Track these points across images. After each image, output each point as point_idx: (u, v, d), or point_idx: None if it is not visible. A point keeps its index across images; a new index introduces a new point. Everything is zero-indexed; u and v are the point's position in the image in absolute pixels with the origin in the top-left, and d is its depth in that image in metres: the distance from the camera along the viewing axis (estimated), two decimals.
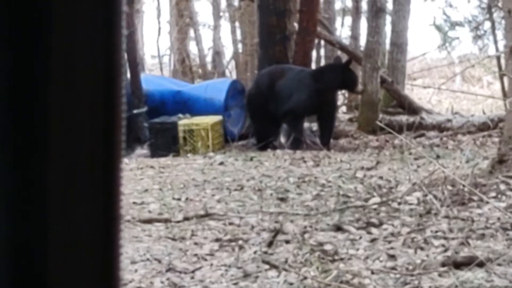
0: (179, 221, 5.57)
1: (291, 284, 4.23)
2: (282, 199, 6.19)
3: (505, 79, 9.48)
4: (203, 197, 6.34)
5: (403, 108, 11.26)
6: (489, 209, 5.38)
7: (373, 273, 4.31)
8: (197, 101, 10.55)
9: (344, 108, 13.70)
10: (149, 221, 5.60)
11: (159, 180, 7.09)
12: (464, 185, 5.69)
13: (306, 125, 9.74)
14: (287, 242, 4.92)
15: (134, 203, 6.14)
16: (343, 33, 17.82)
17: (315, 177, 6.92)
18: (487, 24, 15.99)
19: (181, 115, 9.86)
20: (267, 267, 4.45)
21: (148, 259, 4.70)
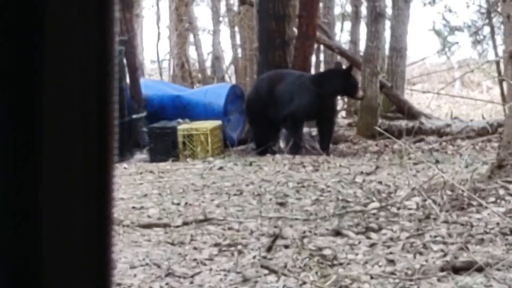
0: (178, 226, 5.57)
1: None
2: (281, 204, 6.19)
3: (505, 84, 9.48)
4: (202, 202, 6.34)
5: (402, 113, 11.25)
6: (488, 214, 5.37)
7: (372, 278, 4.31)
8: (197, 106, 10.55)
9: (343, 113, 13.70)
10: (148, 226, 5.60)
11: (158, 185, 7.09)
12: (463, 190, 5.68)
13: (305, 130, 9.73)
14: (286, 247, 4.92)
15: (133, 207, 6.14)
16: (342, 38, 17.87)
17: (315, 182, 6.92)
18: (487, 29, 16.02)
19: (180, 120, 9.86)
20: (266, 272, 4.45)
21: (147, 264, 4.70)
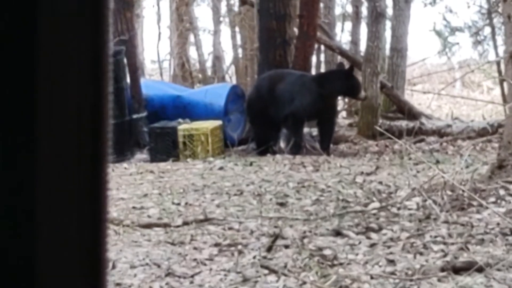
0: (178, 226, 5.57)
1: None
2: (281, 204, 6.19)
3: (505, 84, 9.48)
4: (203, 202, 6.34)
5: (403, 113, 11.25)
6: (489, 214, 5.37)
7: (372, 278, 4.31)
8: (197, 106, 10.55)
9: (344, 113, 13.70)
10: (149, 226, 5.60)
11: (158, 184, 7.08)
12: (463, 190, 5.68)
13: (306, 130, 9.73)
14: (286, 247, 4.92)
15: (133, 207, 6.14)
16: (343, 38, 17.84)
17: (315, 182, 6.92)
18: (487, 29, 16.01)
19: (181, 120, 9.85)
20: (266, 272, 4.44)
21: (147, 264, 4.70)
